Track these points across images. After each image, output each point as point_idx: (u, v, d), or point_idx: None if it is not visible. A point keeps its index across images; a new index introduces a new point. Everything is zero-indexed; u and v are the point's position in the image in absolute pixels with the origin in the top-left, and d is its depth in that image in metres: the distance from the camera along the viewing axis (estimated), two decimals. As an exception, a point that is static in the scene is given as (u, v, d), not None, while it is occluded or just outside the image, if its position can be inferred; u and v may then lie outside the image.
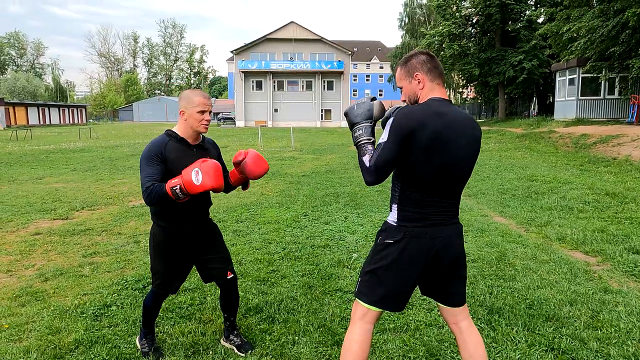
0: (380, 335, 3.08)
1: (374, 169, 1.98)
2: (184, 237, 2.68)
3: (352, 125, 2.15)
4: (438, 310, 3.40)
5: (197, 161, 2.42)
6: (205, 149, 2.72)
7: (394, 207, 2.09)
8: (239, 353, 2.85)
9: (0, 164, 14.01)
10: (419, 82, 2.08)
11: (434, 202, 2.02)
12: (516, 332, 3.07)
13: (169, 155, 2.53)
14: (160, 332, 3.12)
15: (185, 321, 3.30)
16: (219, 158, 2.79)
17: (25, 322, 3.28)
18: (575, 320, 3.23)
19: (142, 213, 6.93)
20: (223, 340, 2.99)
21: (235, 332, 2.97)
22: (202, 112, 2.56)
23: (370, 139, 2.09)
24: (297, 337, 3.04)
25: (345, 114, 2.21)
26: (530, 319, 3.26)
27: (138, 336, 2.95)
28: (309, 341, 2.99)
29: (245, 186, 2.88)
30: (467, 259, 4.51)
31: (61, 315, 3.38)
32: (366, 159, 2.02)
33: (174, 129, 2.64)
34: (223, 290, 2.87)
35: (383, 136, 1.99)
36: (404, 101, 2.17)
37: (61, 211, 7.07)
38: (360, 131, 2.11)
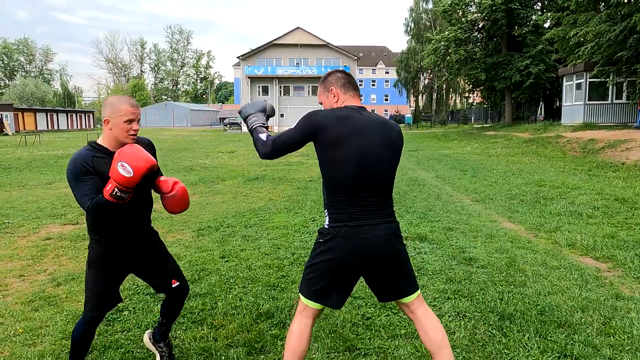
0: (391, 341, 3.08)
1: (271, 143, 2.23)
2: (122, 248, 2.49)
3: (247, 115, 2.44)
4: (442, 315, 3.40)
5: (114, 157, 2.23)
6: None
7: (325, 211, 2.25)
8: None
9: (10, 169, 14.14)
10: (334, 96, 2.34)
11: (356, 203, 2.15)
12: (528, 338, 3.07)
13: (99, 168, 2.30)
14: (173, 338, 3.13)
15: (197, 326, 3.32)
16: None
17: (39, 327, 3.31)
18: (588, 327, 3.22)
19: (153, 217, 6.95)
20: (149, 339, 2.84)
21: (167, 342, 2.82)
22: (130, 121, 2.34)
23: (264, 124, 2.39)
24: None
25: (240, 111, 2.52)
26: (542, 325, 3.25)
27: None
28: (321, 347, 3.00)
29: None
30: (476, 265, 4.53)
31: (74, 320, 3.40)
32: (263, 136, 2.28)
33: (98, 141, 2.41)
34: (169, 298, 2.71)
35: (289, 128, 2.24)
36: None
37: (71, 216, 7.13)
38: (255, 118, 2.41)
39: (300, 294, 2.27)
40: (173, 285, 2.65)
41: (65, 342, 3.05)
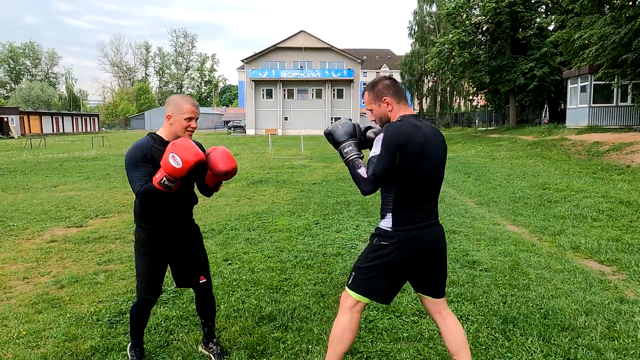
0: (394, 344, 3.07)
1: (373, 178, 2.21)
2: (166, 237, 2.67)
3: (338, 143, 2.41)
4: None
5: (167, 148, 2.40)
6: None
7: (388, 214, 2.32)
8: None
9: (15, 172, 14.22)
10: (387, 105, 2.37)
11: (421, 207, 2.31)
12: (531, 342, 3.05)
13: (155, 155, 2.50)
14: (175, 340, 3.14)
15: (199, 329, 3.31)
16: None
17: (43, 329, 3.32)
18: (591, 331, 3.20)
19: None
20: (202, 347, 2.98)
21: (215, 340, 2.95)
22: (190, 118, 2.57)
23: (360, 154, 2.37)
24: (310, 346, 3.04)
25: (329, 134, 2.45)
26: (546, 328, 3.23)
27: (129, 345, 2.91)
28: (323, 350, 2.99)
29: (217, 187, 2.82)
30: (479, 268, 4.52)
31: (77, 322, 3.42)
32: (362, 171, 2.25)
33: (158, 133, 2.63)
34: (197, 294, 2.88)
35: (374, 150, 2.23)
36: (374, 121, 2.47)
37: (75, 219, 7.16)
38: (350, 147, 2.37)
39: (351, 292, 2.36)
40: (200, 282, 2.83)
41: (69, 345, 3.07)
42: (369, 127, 2.54)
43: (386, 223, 2.33)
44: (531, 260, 4.83)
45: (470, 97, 48.78)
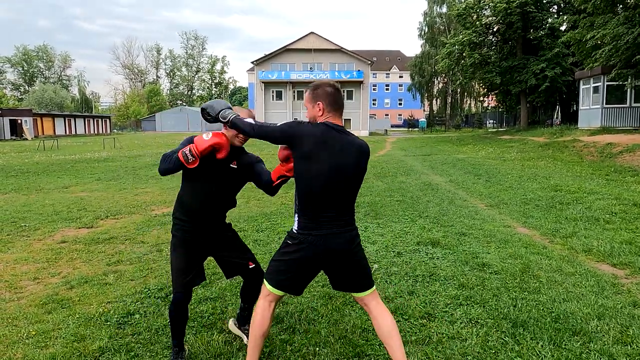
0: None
1: (259, 130, 2.50)
2: (199, 233, 2.83)
3: (218, 112, 2.66)
4: (457, 323, 3.36)
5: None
6: (234, 155, 2.83)
7: (295, 216, 2.52)
8: (247, 342, 2.90)
9: (28, 173, 14.39)
10: (319, 110, 2.50)
11: (322, 213, 2.42)
12: (542, 346, 3.00)
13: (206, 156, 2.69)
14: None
15: (207, 330, 3.32)
16: (248, 166, 2.92)
17: (52, 329, 3.34)
18: (604, 335, 3.14)
19: (165, 222, 7.02)
20: (234, 324, 3.19)
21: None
22: None
23: (238, 115, 2.62)
24: (317, 348, 3.03)
25: (204, 108, 2.69)
26: (556, 333, 3.18)
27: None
28: (330, 352, 2.97)
29: (278, 186, 2.96)
30: (489, 270, 4.47)
31: (86, 323, 3.44)
32: (247, 122, 2.55)
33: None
34: (246, 280, 3.05)
35: (274, 124, 2.49)
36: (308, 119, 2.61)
37: (86, 220, 7.22)
38: (229, 111, 2.64)
39: (265, 282, 2.56)
40: (250, 267, 3.00)
41: (77, 345, 3.08)
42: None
43: (295, 224, 2.51)
44: (542, 263, 4.77)
45: (481, 99, 48.45)
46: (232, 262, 2.98)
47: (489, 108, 52.44)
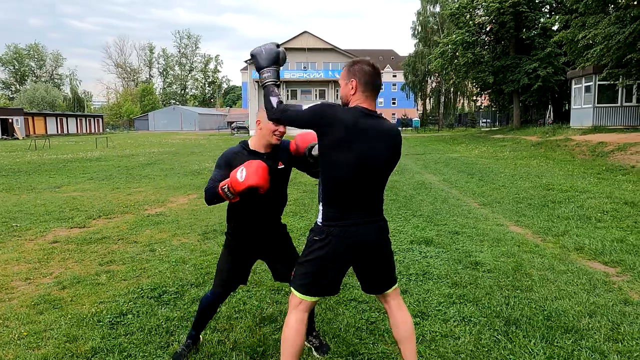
0: (395, 346, 3.04)
1: (280, 115, 2.37)
2: (252, 237, 2.83)
3: (260, 67, 2.52)
4: (452, 321, 3.37)
5: (246, 162, 2.55)
6: (275, 156, 2.77)
7: (320, 207, 2.32)
8: (316, 354, 2.93)
9: (19, 173, 14.27)
10: (352, 88, 2.30)
11: (350, 203, 2.24)
12: (534, 344, 3.02)
13: (236, 163, 2.64)
14: (176, 341, 3.13)
15: (219, 332, 3.30)
16: (290, 158, 2.84)
17: (44, 330, 3.32)
18: (595, 333, 3.17)
19: (158, 222, 6.99)
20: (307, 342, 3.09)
21: (315, 334, 3.03)
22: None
23: (276, 82, 2.48)
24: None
25: (253, 55, 2.53)
26: (549, 330, 3.20)
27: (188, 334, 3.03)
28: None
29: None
30: (482, 269, 4.49)
31: (78, 323, 3.41)
32: (274, 100, 2.40)
33: (248, 140, 2.80)
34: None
35: (303, 104, 2.32)
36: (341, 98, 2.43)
37: (78, 219, 7.17)
38: (269, 73, 2.49)
39: (294, 290, 2.34)
40: (291, 277, 2.88)
41: (69, 346, 3.06)
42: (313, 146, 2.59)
43: (318, 217, 2.33)
44: (534, 261, 4.80)
45: (474, 98, 48.67)
46: (278, 268, 2.94)
47: (482, 107, 52.68)
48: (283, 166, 2.80)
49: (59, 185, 11.41)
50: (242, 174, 2.44)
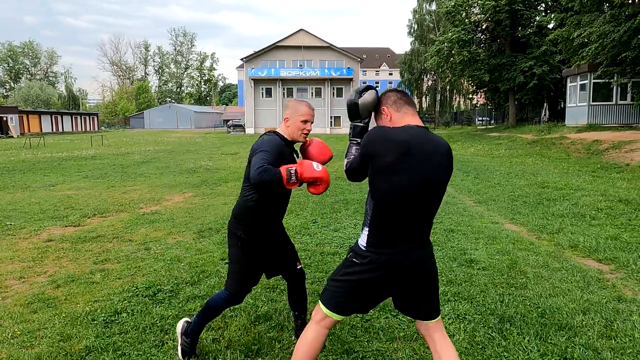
0: (390, 343, 3.06)
1: (347, 173, 2.34)
2: (271, 233, 2.82)
3: (351, 120, 2.43)
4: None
5: (309, 157, 2.74)
6: (294, 149, 2.90)
7: (365, 230, 2.17)
8: None
9: (14, 171, 14.20)
10: (386, 115, 2.24)
11: (399, 228, 2.08)
12: (528, 341, 3.04)
13: (284, 152, 2.71)
14: (170, 340, 3.12)
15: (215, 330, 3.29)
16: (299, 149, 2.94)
17: (37, 329, 3.30)
18: (589, 330, 3.19)
19: (153, 220, 6.97)
20: (295, 338, 3.06)
21: None
22: (305, 121, 2.75)
23: (356, 141, 2.38)
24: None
25: (352, 107, 2.37)
26: (543, 327, 3.22)
27: (185, 329, 2.91)
28: (319, 349, 2.97)
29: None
30: (477, 267, 4.49)
31: (72, 322, 3.40)
32: (345, 161, 2.37)
33: (279, 131, 2.81)
34: (291, 282, 3.00)
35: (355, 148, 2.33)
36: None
37: (73, 218, 7.14)
38: (352, 130, 2.42)
39: (322, 305, 2.22)
40: (298, 267, 3.00)
41: (63, 345, 3.05)
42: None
43: (362, 239, 2.17)
44: (529, 258, 4.82)
45: (470, 96, 48.77)
46: (282, 261, 2.91)
47: (478, 105, 52.75)
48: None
49: (54, 184, 11.35)
50: (319, 166, 2.57)
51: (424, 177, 2.04)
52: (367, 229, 2.14)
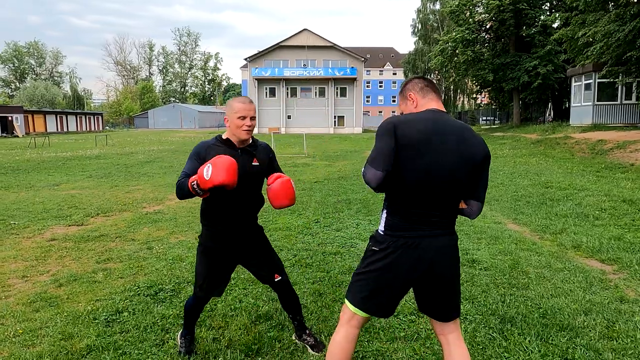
0: (390, 343, 3.05)
1: (365, 168, 2.02)
2: (228, 238, 2.73)
3: None
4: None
5: (212, 159, 2.43)
6: (250, 151, 2.71)
7: (383, 215, 2.13)
8: (312, 352, 2.92)
9: (18, 171, 14.27)
10: (412, 101, 2.18)
11: (421, 213, 2.02)
12: (529, 341, 3.02)
13: (208, 156, 2.58)
14: (171, 339, 3.13)
15: (196, 328, 3.30)
16: (269, 161, 2.79)
17: (39, 328, 3.32)
18: (590, 330, 3.17)
19: (156, 219, 6.99)
20: (296, 338, 3.06)
21: (307, 332, 3.02)
22: (242, 117, 2.60)
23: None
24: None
25: None
26: (544, 328, 3.20)
27: (180, 332, 3.02)
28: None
29: None
30: (479, 267, 4.48)
31: (74, 321, 3.42)
32: (365, 169, 2.06)
33: (223, 135, 2.73)
34: (276, 292, 2.95)
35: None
36: None
37: (76, 217, 7.17)
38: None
39: (348, 302, 2.16)
40: (275, 280, 2.87)
41: (64, 343, 3.06)
42: None
43: (380, 225, 2.12)
44: (531, 259, 4.80)
45: (474, 96, 48.63)
46: (260, 274, 2.88)
47: (482, 105, 52.59)
48: (258, 164, 2.70)
49: (58, 183, 11.41)
50: (208, 172, 2.35)
51: (442, 160, 1.98)
52: (386, 212, 2.10)
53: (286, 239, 5.75)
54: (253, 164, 2.68)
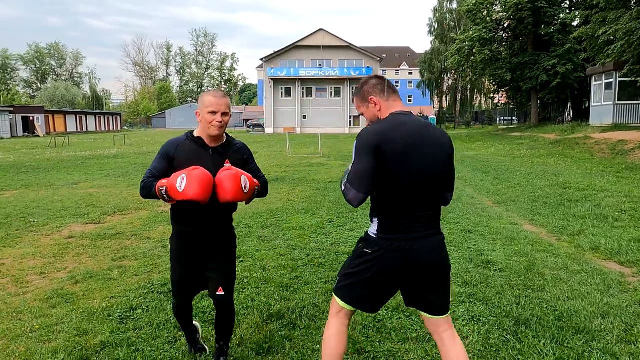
0: (402, 344, 3.03)
1: (345, 189, 2.09)
2: (198, 241, 2.58)
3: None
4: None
5: (190, 167, 2.32)
6: (223, 152, 2.55)
7: (374, 218, 2.15)
8: None
9: (39, 169, 14.55)
10: (375, 105, 2.19)
11: (410, 214, 2.07)
12: (544, 344, 2.97)
13: (178, 155, 2.48)
14: (183, 337, 3.15)
15: (209, 326, 3.33)
16: (242, 163, 2.59)
17: (55, 324, 3.37)
18: (607, 334, 3.10)
19: (164, 219, 7.05)
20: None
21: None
22: (213, 112, 2.41)
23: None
24: (317, 345, 3.02)
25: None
26: (559, 331, 3.15)
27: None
28: (330, 349, 2.96)
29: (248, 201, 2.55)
30: (494, 268, 4.42)
31: (89, 318, 3.47)
32: (341, 187, 2.16)
33: (194, 132, 2.58)
34: (215, 308, 2.69)
35: (353, 161, 2.10)
36: (369, 125, 2.24)
37: (94, 216, 7.28)
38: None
39: (335, 297, 2.23)
40: (217, 293, 2.61)
41: (79, 339, 3.11)
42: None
43: (372, 228, 2.14)
44: (548, 260, 4.72)
45: (491, 95, 48.14)
46: (208, 277, 2.63)
47: (499, 105, 51.96)
48: (229, 165, 2.51)
49: (77, 182, 11.60)
50: (182, 184, 2.23)
51: (427, 162, 2.06)
52: (377, 216, 2.13)
53: (299, 238, 5.76)
54: (225, 164, 2.50)
